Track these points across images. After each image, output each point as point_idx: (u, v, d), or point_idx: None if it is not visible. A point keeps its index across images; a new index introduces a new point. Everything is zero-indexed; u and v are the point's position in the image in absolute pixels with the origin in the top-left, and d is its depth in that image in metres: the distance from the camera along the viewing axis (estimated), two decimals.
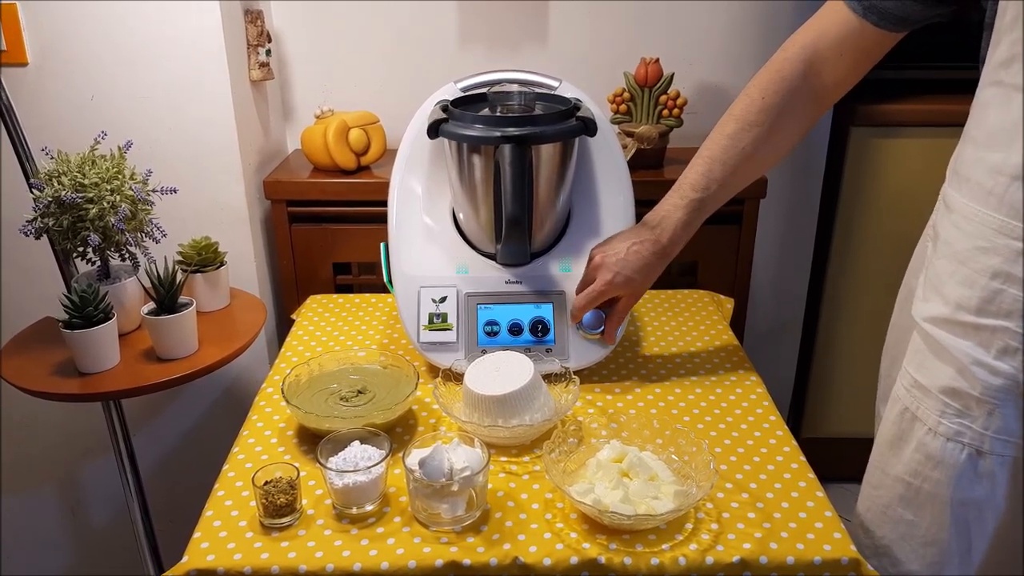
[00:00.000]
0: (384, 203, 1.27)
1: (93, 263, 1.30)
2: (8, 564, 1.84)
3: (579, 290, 1.17)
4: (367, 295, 1.50)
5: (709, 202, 1.10)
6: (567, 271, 1.23)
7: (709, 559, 0.87)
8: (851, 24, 1.00)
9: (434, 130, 1.15)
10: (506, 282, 1.22)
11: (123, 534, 1.76)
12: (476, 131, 1.12)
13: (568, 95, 1.24)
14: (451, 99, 1.23)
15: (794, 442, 1.07)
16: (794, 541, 0.89)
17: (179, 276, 1.27)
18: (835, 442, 2.06)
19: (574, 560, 0.87)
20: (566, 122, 1.15)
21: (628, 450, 0.98)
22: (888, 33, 0.99)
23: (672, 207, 1.12)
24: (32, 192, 1.22)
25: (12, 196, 1.50)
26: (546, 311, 1.20)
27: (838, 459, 1.73)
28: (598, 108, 1.24)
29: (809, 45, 1.03)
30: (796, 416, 2.08)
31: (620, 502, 0.89)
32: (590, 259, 1.17)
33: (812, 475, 1.00)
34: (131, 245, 1.27)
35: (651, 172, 1.62)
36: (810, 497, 0.96)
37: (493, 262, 1.23)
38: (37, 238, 1.23)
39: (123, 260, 1.30)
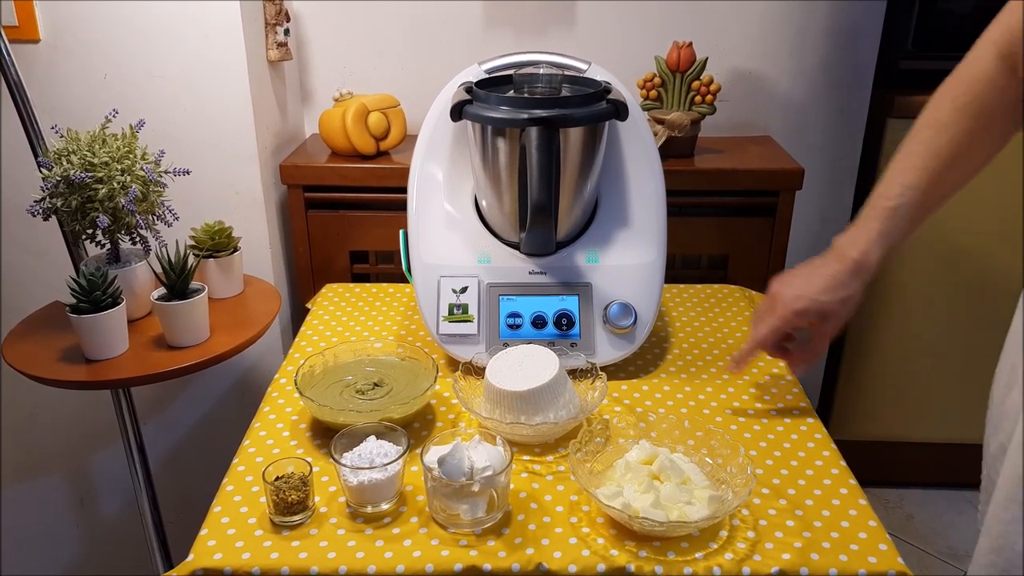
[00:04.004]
0: (404, 189, 1.23)
1: (102, 246, 1.27)
2: (16, 554, 1.82)
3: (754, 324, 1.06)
4: (384, 284, 1.46)
5: (908, 209, 0.97)
6: (594, 262, 1.18)
7: (746, 570, 0.82)
8: None
9: (457, 112, 1.10)
10: (530, 273, 1.17)
11: (132, 525, 1.73)
12: (502, 113, 1.07)
13: (597, 78, 1.19)
14: (475, 81, 1.18)
15: (833, 445, 1.02)
16: (837, 552, 0.84)
17: (191, 261, 1.23)
18: (863, 445, 2.01)
19: (601, 567, 0.82)
20: (596, 105, 1.10)
21: (659, 451, 0.93)
22: None
23: (863, 220, 1.00)
24: (40, 171, 1.18)
25: (21, 176, 1.46)
26: (571, 304, 1.15)
27: (866, 463, 1.68)
28: (628, 92, 1.18)
29: (1002, 37, 0.92)
30: (823, 417, 2.02)
31: (651, 507, 0.84)
32: (768, 290, 1.05)
33: (854, 481, 0.95)
34: (142, 228, 1.23)
35: (682, 161, 1.57)
36: (852, 505, 0.91)
37: (516, 252, 1.19)
38: (45, 219, 1.20)
39: (133, 243, 1.26)
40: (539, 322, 1.14)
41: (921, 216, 0.99)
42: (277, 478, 0.89)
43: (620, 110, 1.10)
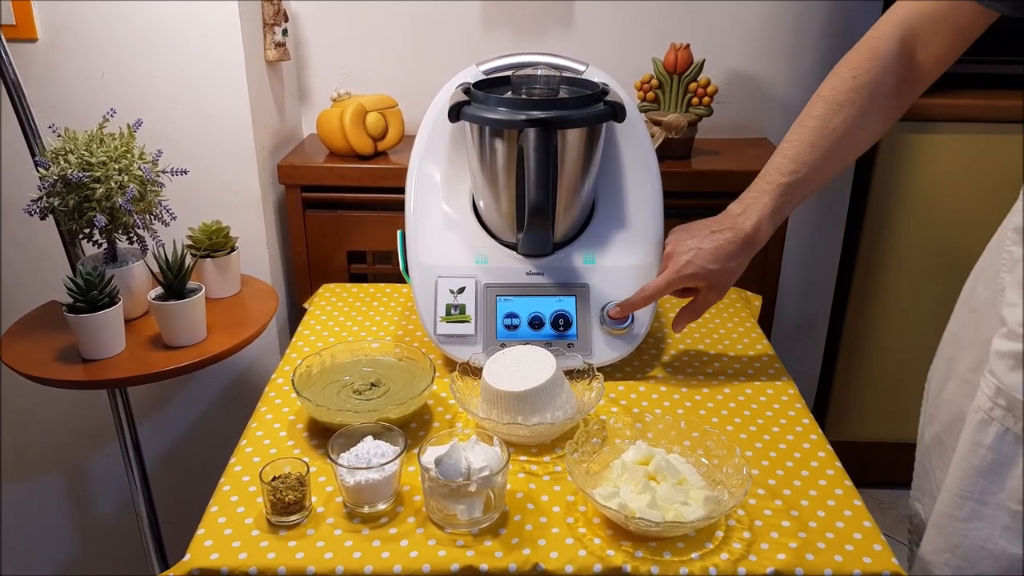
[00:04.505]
0: (401, 190, 1.23)
1: (100, 245, 1.27)
2: (11, 553, 1.82)
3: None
4: (382, 285, 1.46)
5: (798, 188, 1.03)
6: (591, 263, 1.18)
7: (741, 570, 0.82)
8: None
9: (455, 113, 1.10)
10: (527, 273, 1.18)
11: (128, 525, 1.73)
12: (499, 114, 1.08)
13: (595, 80, 1.19)
14: (473, 82, 1.18)
15: (828, 447, 1.02)
16: (832, 552, 0.84)
17: (188, 260, 1.23)
18: (859, 446, 2.01)
19: (597, 568, 0.82)
20: (594, 106, 1.10)
21: (655, 452, 0.93)
22: (985, 9, 0.91)
23: (757, 193, 1.05)
24: (38, 171, 1.18)
25: (19, 175, 1.46)
26: (568, 304, 1.15)
27: (862, 464, 1.68)
28: (626, 94, 1.19)
29: (904, 22, 0.97)
30: (819, 418, 2.03)
31: (647, 507, 0.85)
32: (667, 240, 1.10)
33: (849, 482, 0.95)
34: (139, 227, 1.24)
35: (679, 163, 1.57)
36: (847, 506, 0.91)
37: (514, 252, 1.19)
38: (42, 218, 1.20)
39: (131, 243, 1.26)
40: (536, 323, 1.15)
41: (810, 192, 1.04)
42: (274, 478, 0.89)
43: (617, 112, 1.10)
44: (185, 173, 1.28)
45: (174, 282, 1.21)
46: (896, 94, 1.00)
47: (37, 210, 1.18)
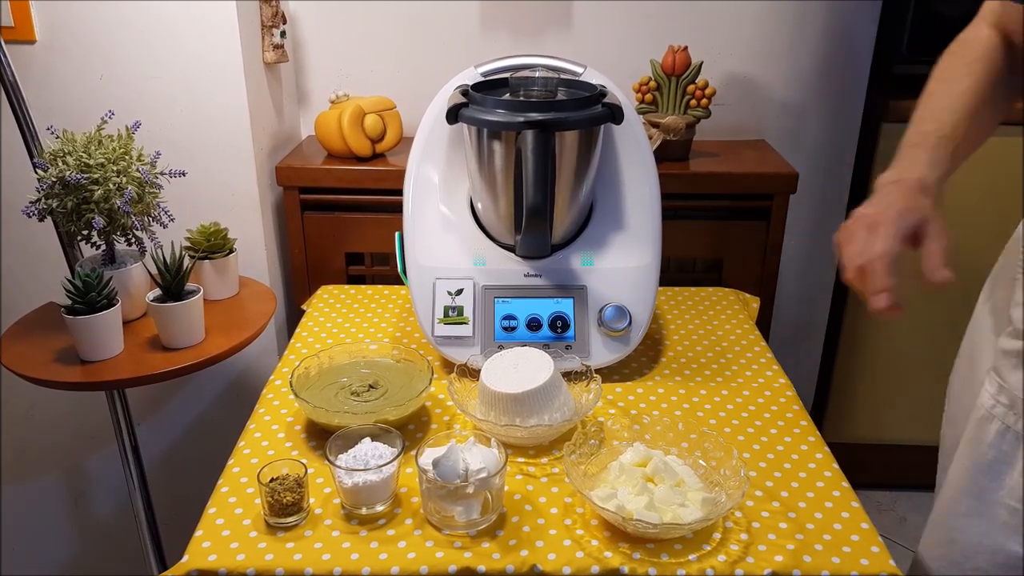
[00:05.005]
0: (399, 192, 1.23)
1: (98, 247, 1.27)
2: (9, 554, 1.82)
3: (848, 277, 0.90)
4: (380, 286, 1.46)
5: (944, 140, 0.90)
6: (589, 265, 1.18)
7: (739, 571, 0.82)
8: None
9: (453, 115, 1.10)
10: (525, 275, 1.18)
11: (126, 526, 1.73)
12: (497, 116, 1.08)
13: (593, 81, 1.19)
14: (471, 84, 1.18)
15: (826, 448, 1.02)
16: (829, 554, 0.84)
17: (186, 262, 1.23)
18: (856, 448, 2.01)
19: (595, 569, 0.82)
20: (591, 108, 1.10)
21: (653, 454, 0.93)
22: None
23: (905, 153, 0.91)
24: (36, 172, 1.18)
25: (17, 177, 1.46)
26: (566, 306, 1.16)
27: (859, 465, 1.69)
28: (624, 96, 1.19)
29: (987, 17, 0.95)
30: (817, 420, 2.03)
31: (645, 509, 0.85)
32: (841, 233, 0.92)
33: (846, 484, 0.95)
34: (137, 229, 1.23)
35: (677, 164, 1.57)
36: (845, 507, 0.91)
37: (512, 254, 1.19)
38: (41, 220, 1.19)
39: (129, 245, 1.26)
40: (534, 324, 1.15)
41: (960, 151, 0.91)
42: (272, 479, 0.89)
43: (615, 114, 1.10)
44: (183, 175, 1.28)
45: (172, 284, 1.21)
46: (1005, 77, 0.94)
47: (35, 212, 1.18)
